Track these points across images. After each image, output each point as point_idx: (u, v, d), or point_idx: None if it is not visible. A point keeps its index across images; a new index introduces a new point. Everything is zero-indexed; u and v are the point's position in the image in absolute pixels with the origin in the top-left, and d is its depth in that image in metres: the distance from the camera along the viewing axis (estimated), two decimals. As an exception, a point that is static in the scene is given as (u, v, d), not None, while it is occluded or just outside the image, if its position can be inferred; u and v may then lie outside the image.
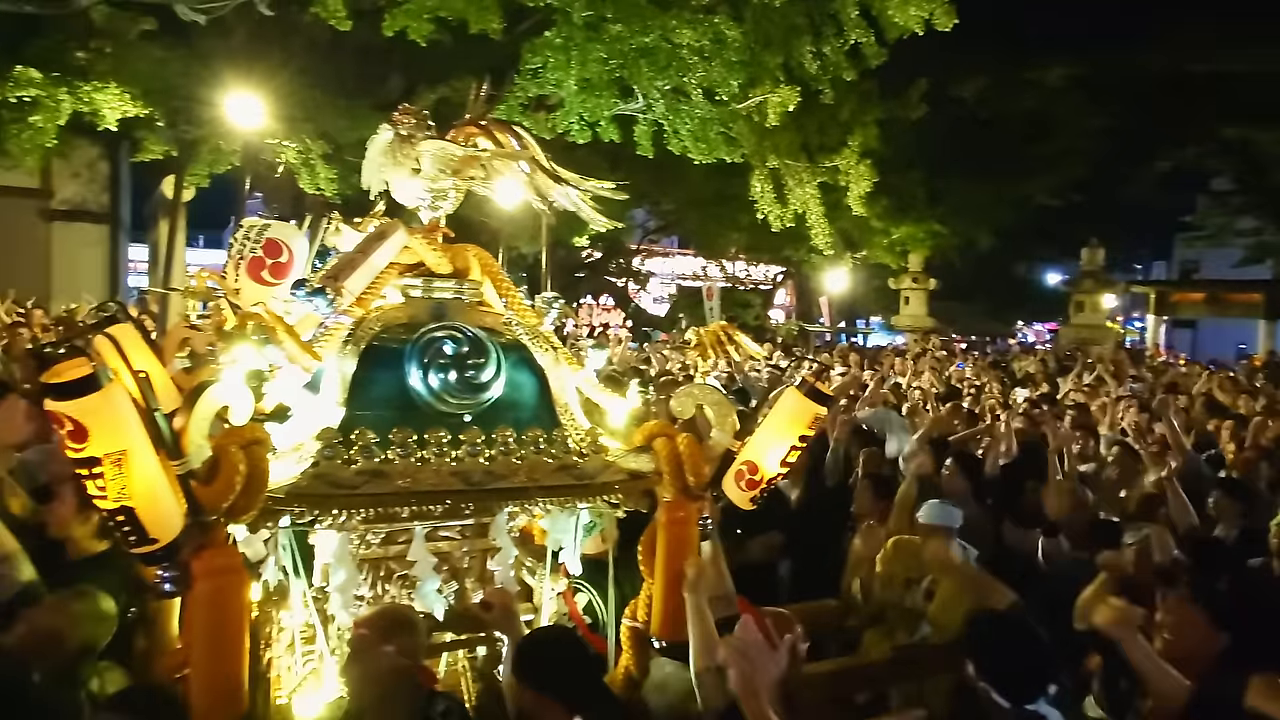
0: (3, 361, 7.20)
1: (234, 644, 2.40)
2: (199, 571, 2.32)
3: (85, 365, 1.91)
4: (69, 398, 1.89)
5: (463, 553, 3.16)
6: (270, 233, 6.16)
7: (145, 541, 2.09)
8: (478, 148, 3.17)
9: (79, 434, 1.92)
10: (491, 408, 2.92)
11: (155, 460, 2.08)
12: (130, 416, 2.00)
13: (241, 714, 2.42)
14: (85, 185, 16.98)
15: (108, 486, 1.98)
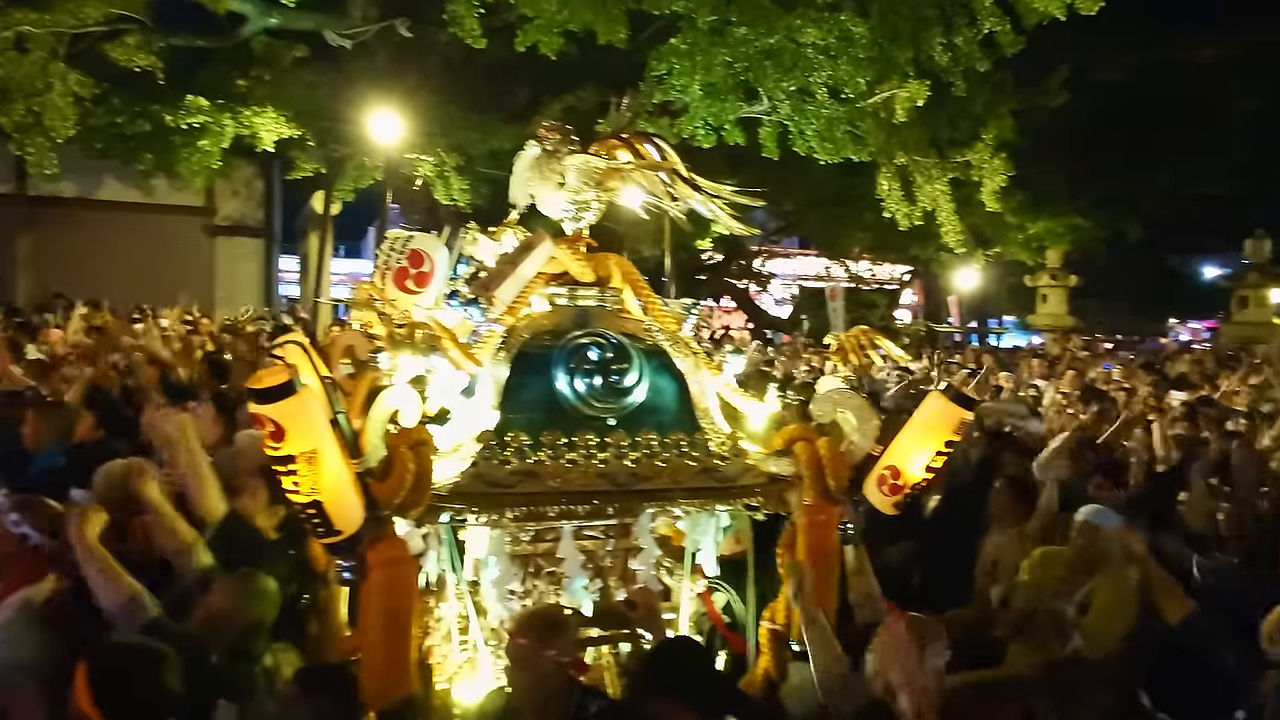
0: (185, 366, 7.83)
1: (404, 629, 2.59)
2: (374, 562, 2.51)
3: (284, 372, 2.11)
4: (270, 401, 2.10)
5: (606, 551, 3.27)
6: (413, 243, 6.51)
7: (332, 533, 2.29)
8: (619, 160, 3.28)
9: (278, 434, 2.13)
10: (635, 412, 3.02)
11: (340, 459, 2.28)
12: (321, 419, 2.20)
13: (410, 694, 2.61)
14: (243, 202, 18.37)
15: (301, 482, 2.18)
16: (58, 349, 8.59)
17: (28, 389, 6.37)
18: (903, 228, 14.48)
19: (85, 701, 2.34)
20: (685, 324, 3.39)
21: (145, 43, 11.12)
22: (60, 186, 15.59)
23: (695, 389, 3.19)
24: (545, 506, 2.82)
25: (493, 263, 4.92)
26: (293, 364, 2.20)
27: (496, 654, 3.08)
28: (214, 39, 11.57)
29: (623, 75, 11.50)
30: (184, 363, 7.85)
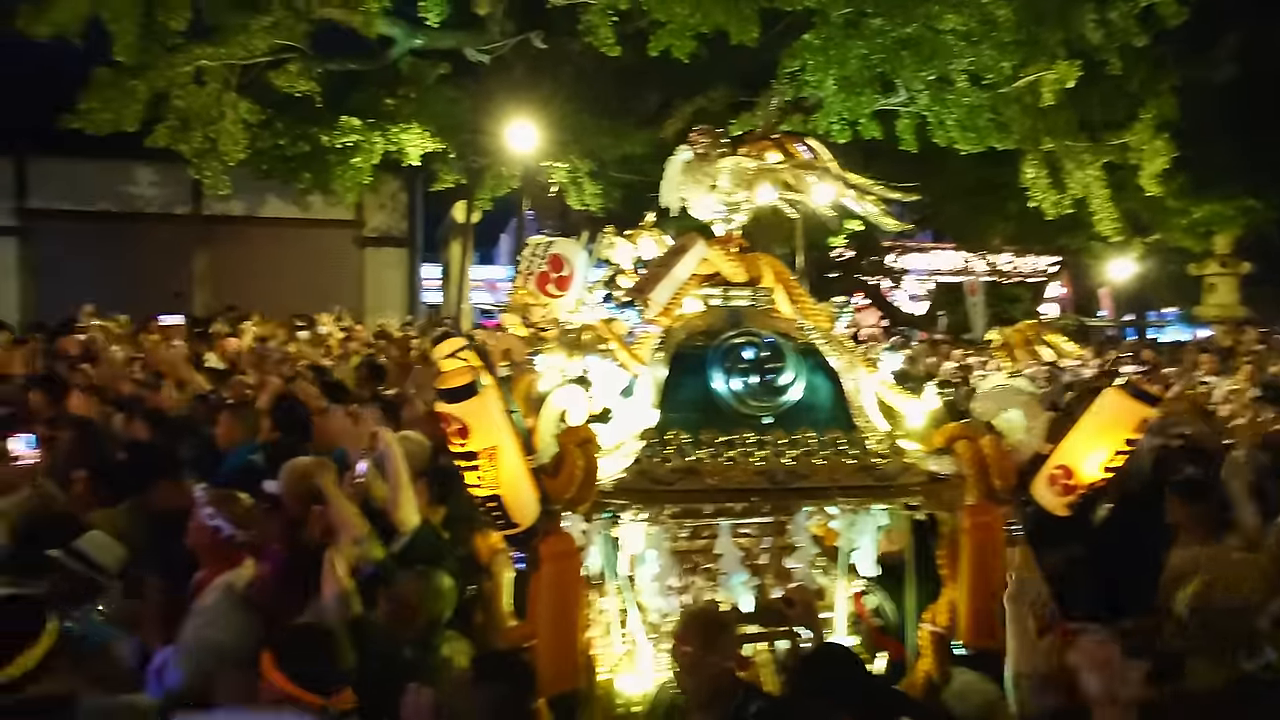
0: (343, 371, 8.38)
1: (573, 619, 2.70)
2: (544, 554, 2.64)
3: (467, 373, 2.25)
4: (456, 401, 2.25)
5: (761, 549, 3.29)
6: (554, 249, 6.72)
7: (510, 525, 2.43)
8: (768, 161, 3.30)
9: (463, 432, 2.27)
10: (791, 410, 3.03)
11: (517, 455, 2.40)
12: (500, 417, 2.34)
13: (580, 682, 2.71)
14: (389, 215, 19.37)
15: (483, 477, 2.32)
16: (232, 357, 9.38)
17: (210, 393, 7.00)
18: (1050, 217, 13.72)
19: (273, 671, 2.57)
20: (838, 322, 3.37)
21: (305, 69, 11.95)
22: (230, 206, 16.94)
23: (850, 387, 3.17)
24: (703, 504, 2.87)
25: (629, 265, 5.03)
26: (475, 365, 2.34)
27: (656, 647, 3.15)
28: (365, 62, 12.31)
29: (753, 74, 11.46)
30: (343, 368, 8.41)
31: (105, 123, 10.99)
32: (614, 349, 2.74)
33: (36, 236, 17.31)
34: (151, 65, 10.87)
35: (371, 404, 5.90)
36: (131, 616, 3.22)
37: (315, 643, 2.65)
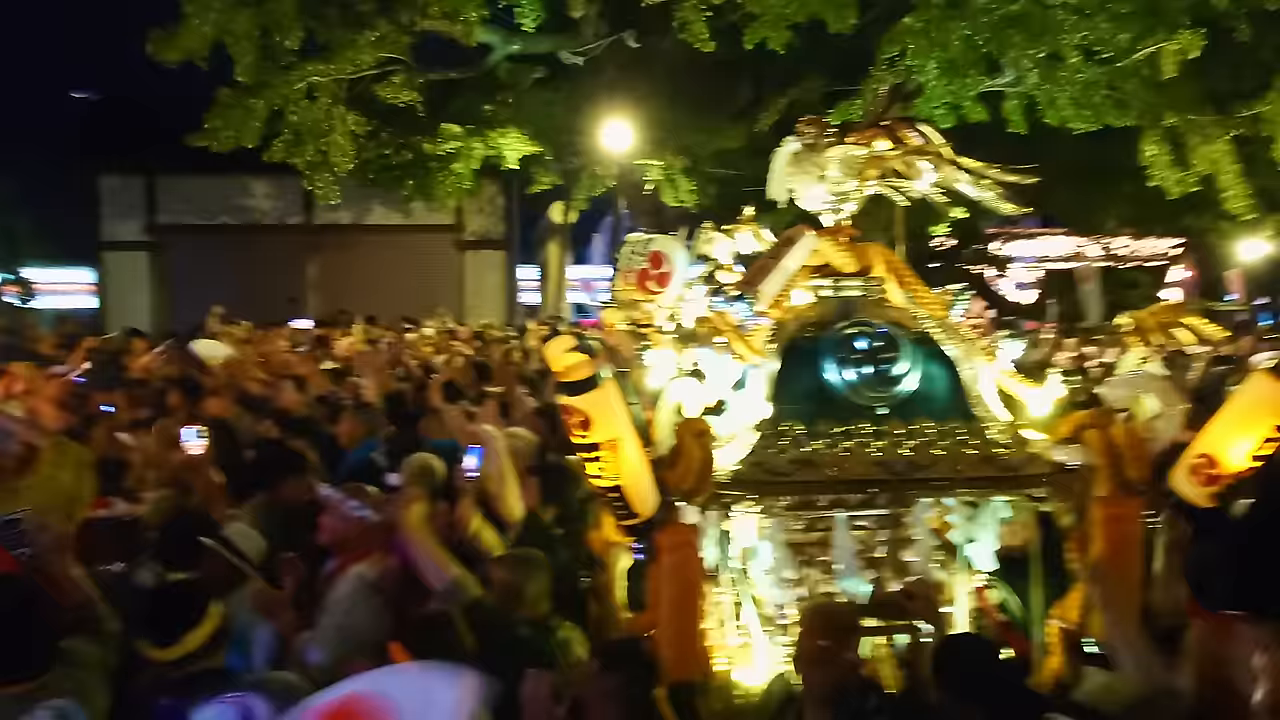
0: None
1: (693, 609, 2.73)
2: (663, 545, 2.67)
3: (589, 366, 2.31)
4: (578, 393, 2.30)
5: (878, 542, 3.25)
6: (653, 245, 6.74)
7: (630, 515, 2.47)
8: (878, 149, 3.25)
9: (585, 423, 2.33)
10: (907, 400, 2.98)
11: (637, 447, 2.45)
12: (620, 409, 2.38)
13: (701, 670, 2.74)
14: (487, 218, 19.86)
15: (605, 467, 2.37)
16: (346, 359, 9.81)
17: (329, 394, 7.35)
18: (1172, 196, 12.93)
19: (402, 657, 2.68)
20: (953, 310, 3.29)
21: (408, 80, 12.39)
22: (339, 215, 17.72)
23: (968, 375, 3.09)
24: (820, 495, 2.86)
25: (728, 260, 5.02)
26: (596, 359, 2.39)
27: (772, 640, 3.15)
28: (464, 70, 12.68)
29: (848, 63, 11.24)
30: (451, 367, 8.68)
31: (228, 140, 11.66)
32: (730, 340, 2.75)
33: (166, 250, 18.51)
34: (268, 84, 11.48)
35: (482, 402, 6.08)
36: (269, 604, 3.40)
37: (441, 628, 2.75)
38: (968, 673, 2.56)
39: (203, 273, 17.65)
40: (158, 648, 2.53)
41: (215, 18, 10.60)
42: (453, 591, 3.16)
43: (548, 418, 5.69)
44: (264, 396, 6.98)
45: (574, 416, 2.34)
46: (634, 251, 6.63)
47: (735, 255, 4.90)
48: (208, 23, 10.64)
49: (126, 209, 18.35)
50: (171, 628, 2.51)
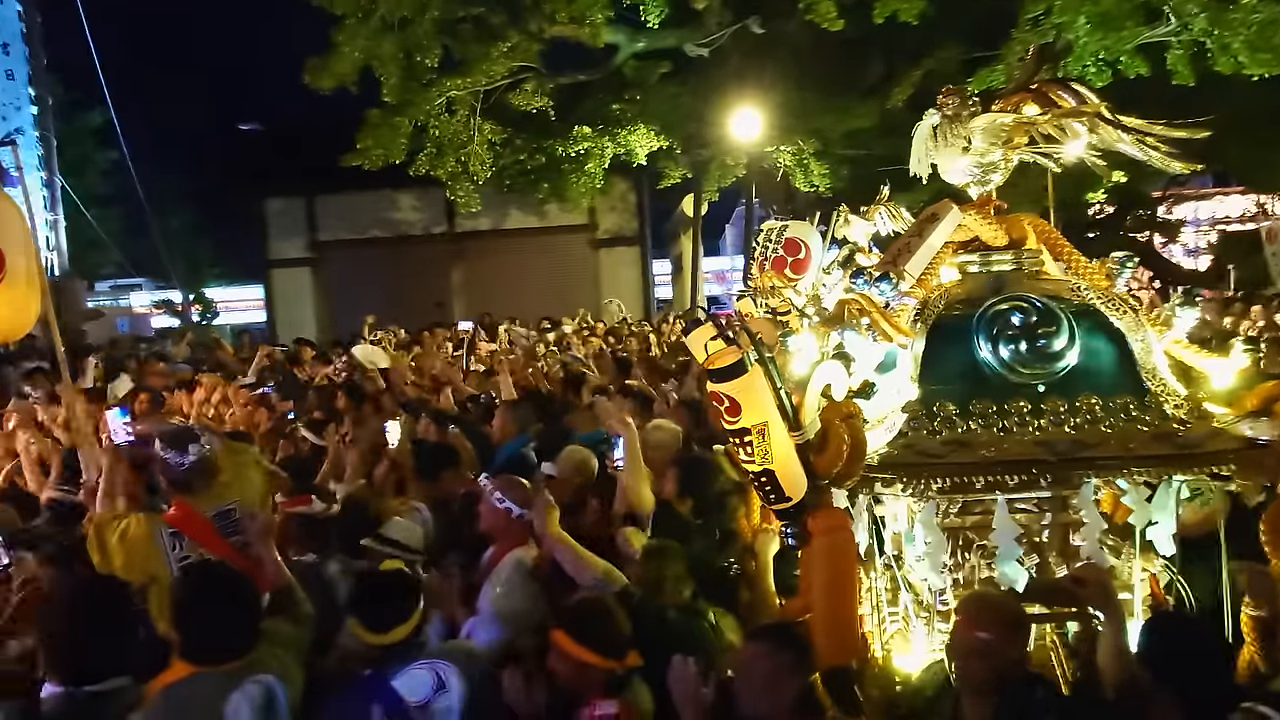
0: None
1: (847, 595, 2.70)
2: (815, 529, 2.66)
3: (736, 352, 2.33)
4: (725, 380, 2.33)
5: (1041, 525, 3.11)
6: (789, 232, 6.67)
7: (783, 499, 2.48)
8: (1027, 114, 3.10)
9: (733, 409, 2.35)
10: (1068, 376, 2.84)
11: (786, 431, 2.45)
12: (768, 394, 2.39)
13: (857, 656, 2.71)
14: (619, 215, 20.20)
15: (754, 453, 2.39)
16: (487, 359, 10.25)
17: (482, 394, 7.71)
18: (1371, 141, 11.59)
19: (565, 639, 2.79)
20: (1118, 280, 3.10)
21: (539, 86, 12.78)
22: (479, 222, 18.49)
23: (1138, 348, 2.90)
24: (976, 477, 2.76)
25: (866, 243, 4.90)
26: (743, 345, 2.41)
27: (929, 626, 3.08)
28: (592, 72, 12.95)
29: (986, 28, 10.69)
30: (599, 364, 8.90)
31: (378, 158, 12.41)
32: (875, 321, 2.70)
33: (325, 265, 19.88)
34: (411, 102, 12.13)
35: (625, 396, 6.21)
36: (436, 590, 3.62)
37: (601, 612, 2.85)
38: (1177, 650, 2.41)
39: (357, 283, 18.86)
40: (373, 632, 2.74)
41: (363, 44, 11.31)
42: (601, 585, 3.26)
43: (691, 410, 5.76)
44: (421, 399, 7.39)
45: (722, 402, 2.37)
46: (768, 239, 6.62)
47: (873, 237, 4.79)
48: (357, 49, 11.36)
49: (290, 229, 19.85)
50: (388, 615, 2.71)
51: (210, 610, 2.59)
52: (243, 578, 2.78)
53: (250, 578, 2.88)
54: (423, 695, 2.55)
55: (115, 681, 2.58)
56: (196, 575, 2.72)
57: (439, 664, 2.63)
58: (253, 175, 19.74)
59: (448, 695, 2.57)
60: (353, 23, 11.32)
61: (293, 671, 2.81)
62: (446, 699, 2.57)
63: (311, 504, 3.59)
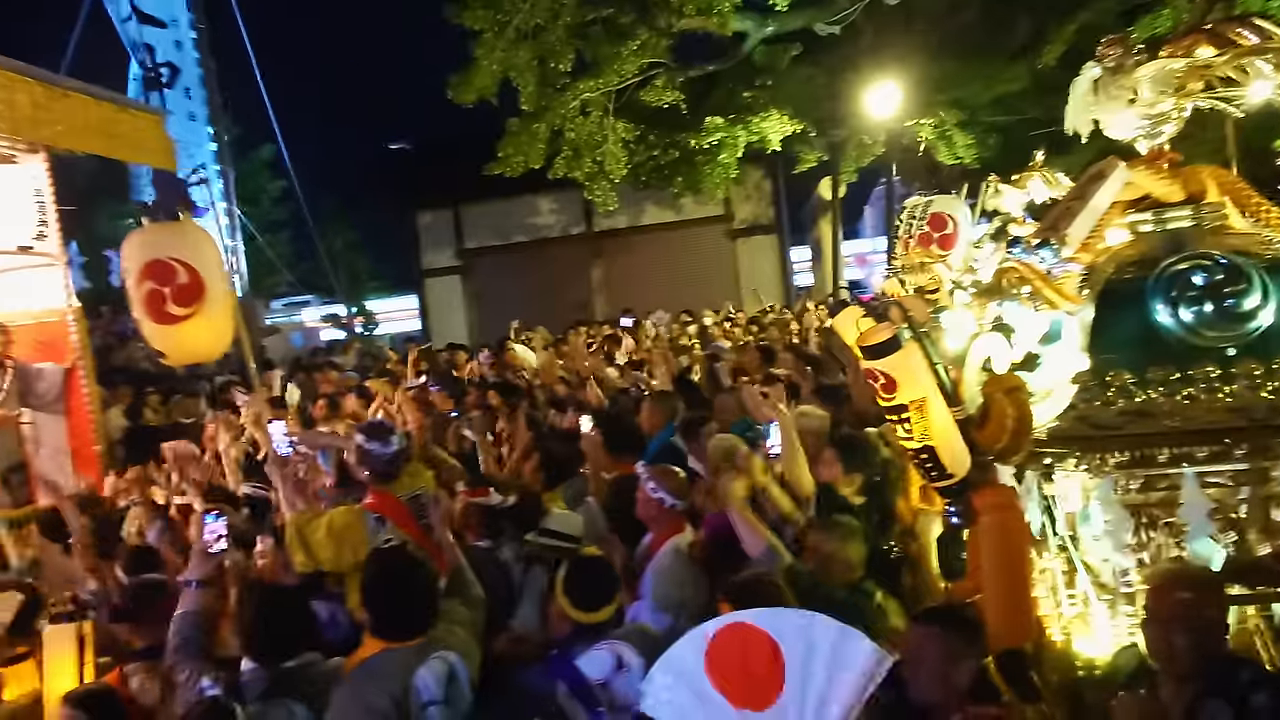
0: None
1: (1018, 575, 2.60)
2: (981, 507, 2.58)
3: (889, 329, 2.30)
4: (880, 356, 2.30)
5: (1238, 500, 2.87)
6: (934, 207, 6.43)
7: (944, 476, 2.42)
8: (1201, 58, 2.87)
9: (889, 385, 2.32)
10: (1262, 337, 2.62)
11: (945, 406, 2.39)
12: (925, 369, 2.34)
13: (1033, 639, 2.60)
14: (755, 204, 20.01)
15: (913, 429, 2.35)
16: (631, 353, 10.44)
17: (631, 387, 7.88)
18: None
19: None
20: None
21: (669, 81, 12.86)
22: (616, 220, 18.80)
23: (1348, 303, 2.64)
24: (1158, 449, 2.59)
25: (1019, 213, 4.66)
26: (897, 320, 2.37)
27: (1112, 609, 2.91)
28: (722, 62, 12.91)
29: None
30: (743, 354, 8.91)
31: (518, 164, 12.88)
32: (1039, 289, 2.58)
33: (473, 271, 20.76)
34: (548, 107, 12.50)
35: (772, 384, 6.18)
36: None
37: (768, 587, 2.86)
38: None
39: (503, 287, 19.62)
40: (584, 611, 2.90)
41: (500, 56, 11.76)
42: (769, 557, 3.28)
43: (833, 395, 5.68)
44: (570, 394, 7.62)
45: (878, 380, 2.33)
46: (912, 216, 6.41)
47: (1027, 206, 4.55)
48: (495, 61, 11.83)
49: (440, 239, 20.87)
50: (598, 596, 2.88)
51: (394, 591, 2.80)
52: (423, 561, 2.98)
53: (431, 560, 3.08)
54: (603, 674, 2.65)
55: (306, 657, 2.87)
56: (382, 560, 2.94)
57: (617, 644, 2.73)
58: (404, 191, 20.88)
59: (628, 674, 2.66)
60: (490, 36, 11.79)
61: (471, 649, 2.99)
62: (627, 677, 2.66)
63: (490, 495, 3.80)
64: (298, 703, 2.72)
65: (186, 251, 4.35)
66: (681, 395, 6.43)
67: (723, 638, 1.72)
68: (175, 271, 4.23)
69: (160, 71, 17.69)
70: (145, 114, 7.78)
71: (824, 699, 1.58)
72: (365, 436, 3.58)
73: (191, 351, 4.71)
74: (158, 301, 4.23)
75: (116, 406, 9.33)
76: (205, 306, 4.27)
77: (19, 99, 6.31)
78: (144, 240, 4.47)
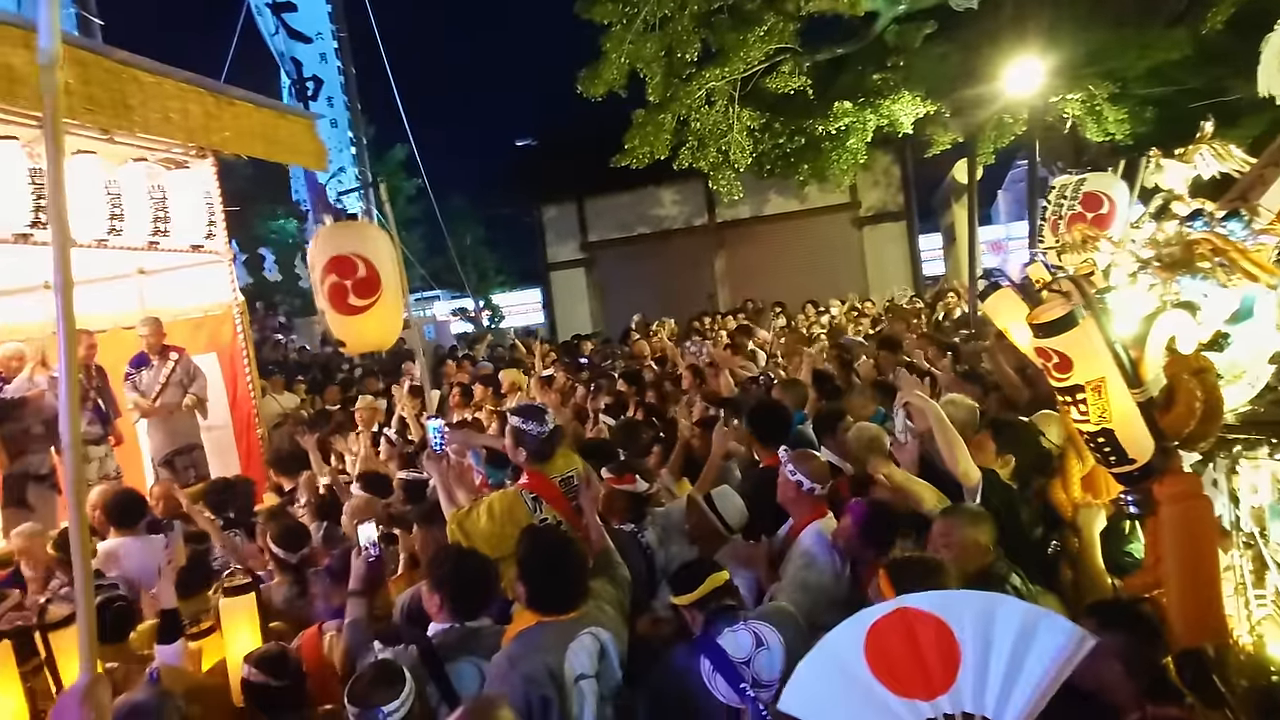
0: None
1: (1204, 570, 2.43)
2: (1163, 496, 2.41)
3: (1062, 305, 2.18)
4: (1053, 334, 2.18)
5: None
6: (1087, 186, 6.07)
7: (1125, 461, 2.28)
8: None
9: (1063, 365, 2.20)
10: None
11: (1125, 388, 2.25)
12: (1103, 348, 2.21)
13: (1218, 639, 2.42)
14: (883, 191, 19.43)
15: (1089, 411, 2.22)
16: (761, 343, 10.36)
17: (761, 375, 7.85)
18: None
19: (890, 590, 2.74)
20: None
21: (796, 66, 12.61)
22: (739, 210, 18.67)
23: None
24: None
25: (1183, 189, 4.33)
26: (1071, 297, 2.25)
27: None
28: (851, 44, 12.55)
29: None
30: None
31: (644, 156, 12.94)
32: (1236, 263, 2.39)
33: (596, 264, 21.07)
34: (674, 98, 12.50)
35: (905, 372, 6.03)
36: (748, 557, 3.75)
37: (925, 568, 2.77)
38: None
39: (625, 278, 19.84)
40: (678, 594, 2.93)
41: (629, 48, 11.84)
42: None
43: (974, 381, 5.47)
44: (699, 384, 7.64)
45: (1050, 359, 2.22)
46: (1062, 196, 6.07)
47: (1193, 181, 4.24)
48: (623, 54, 11.92)
49: (564, 233, 21.27)
50: (692, 579, 2.89)
51: (551, 566, 2.88)
52: (575, 540, 3.06)
53: (581, 540, 3.16)
54: (745, 652, 2.66)
55: (482, 621, 3.03)
56: (538, 536, 3.03)
57: (757, 624, 2.74)
58: (529, 186, 21.40)
59: (768, 652, 2.66)
60: (618, 29, 11.88)
61: (620, 628, 3.05)
62: (767, 656, 2.66)
63: (635, 482, 3.87)
64: (484, 659, 2.88)
65: (365, 248, 4.64)
66: (815, 386, 6.33)
67: (885, 624, 1.66)
68: (356, 266, 4.52)
69: (306, 84, 18.80)
70: (300, 119, 8.28)
71: (1009, 684, 1.51)
72: (520, 418, 3.70)
73: (367, 341, 5.04)
74: (340, 294, 4.53)
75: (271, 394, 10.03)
76: (381, 299, 4.53)
77: (192, 108, 6.85)
78: (329, 237, 4.81)
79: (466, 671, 2.88)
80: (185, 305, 8.17)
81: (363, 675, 2.62)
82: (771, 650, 2.67)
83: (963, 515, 3.28)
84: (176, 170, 7.30)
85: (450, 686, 2.78)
